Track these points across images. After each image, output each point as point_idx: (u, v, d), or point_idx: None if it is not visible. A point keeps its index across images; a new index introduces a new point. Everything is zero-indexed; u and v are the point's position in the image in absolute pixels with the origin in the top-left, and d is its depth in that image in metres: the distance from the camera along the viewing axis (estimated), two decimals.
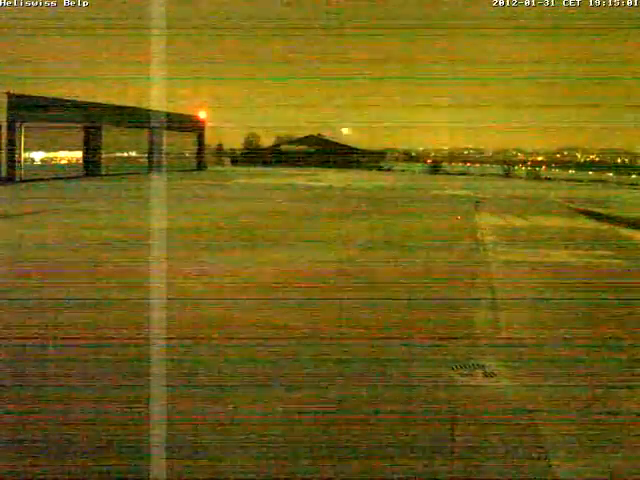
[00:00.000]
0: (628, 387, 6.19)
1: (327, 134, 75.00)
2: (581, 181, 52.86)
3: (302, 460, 4.62)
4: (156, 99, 35.22)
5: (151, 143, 45.44)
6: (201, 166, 54.27)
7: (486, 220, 20.28)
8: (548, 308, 9.19)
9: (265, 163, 68.06)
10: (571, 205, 26.76)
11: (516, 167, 67.35)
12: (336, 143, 73.66)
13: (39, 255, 12.37)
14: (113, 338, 7.25)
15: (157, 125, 43.75)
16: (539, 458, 4.72)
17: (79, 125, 38.64)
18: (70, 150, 38.54)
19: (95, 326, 7.68)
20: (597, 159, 79.73)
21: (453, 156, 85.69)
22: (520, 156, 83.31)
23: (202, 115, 55.13)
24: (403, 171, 65.18)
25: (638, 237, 17.28)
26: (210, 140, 63.05)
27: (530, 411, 5.51)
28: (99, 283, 10.07)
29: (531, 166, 68.83)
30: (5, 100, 32.86)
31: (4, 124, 32.94)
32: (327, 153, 70.01)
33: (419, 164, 74.11)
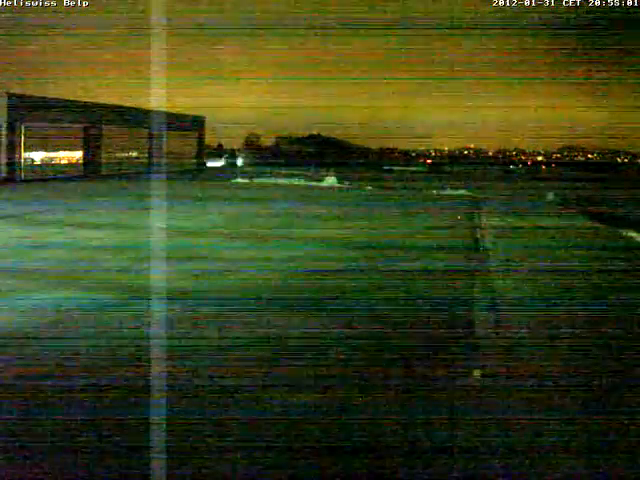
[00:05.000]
0: None
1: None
2: None
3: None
4: (156, 99, 35.16)
5: (151, 143, 45.38)
6: (201, 166, 54.18)
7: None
8: None
9: (265, 163, 67.94)
10: None
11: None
12: (337, 143, 73.60)
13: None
14: None
15: (157, 125, 43.71)
16: None
17: (79, 125, 38.60)
18: (70, 150, 38.50)
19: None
20: None
21: (454, 156, 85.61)
22: None
23: (202, 115, 55.09)
24: (403, 172, 65.01)
25: None
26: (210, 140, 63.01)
27: None
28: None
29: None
30: (5, 100, 32.84)
31: (4, 124, 32.92)
32: (327, 153, 69.88)
33: (419, 165, 73.93)
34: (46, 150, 36.10)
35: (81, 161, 39.24)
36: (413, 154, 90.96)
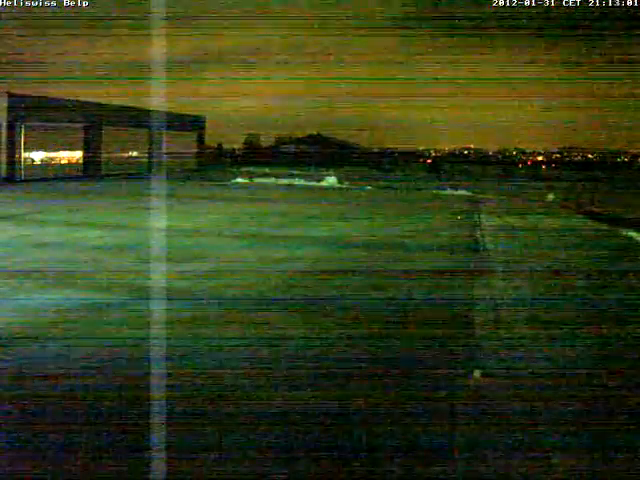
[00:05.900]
0: None
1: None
2: None
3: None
4: (156, 99, 35.18)
5: (151, 143, 45.36)
6: (201, 166, 54.17)
7: None
8: None
9: (265, 163, 67.93)
10: None
11: None
12: (337, 143, 73.54)
13: None
14: None
15: (157, 125, 43.71)
16: None
17: (79, 125, 38.59)
18: (70, 150, 38.49)
19: None
20: None
21: (454, 156, 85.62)
22: None
23: (202, 115, 55.07)
24: (403, 172, 64.94)
25: None
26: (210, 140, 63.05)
27: None
28: None
29: None
30: (5, 100, 32.83)
31: (4, 124, 32.91)
32: (327, 153, 69.84)
33: (419, 165, 73.90)
34: (46, 150, 36.10)
35: (81, 161, 39.24)
36: (413, 154, 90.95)
